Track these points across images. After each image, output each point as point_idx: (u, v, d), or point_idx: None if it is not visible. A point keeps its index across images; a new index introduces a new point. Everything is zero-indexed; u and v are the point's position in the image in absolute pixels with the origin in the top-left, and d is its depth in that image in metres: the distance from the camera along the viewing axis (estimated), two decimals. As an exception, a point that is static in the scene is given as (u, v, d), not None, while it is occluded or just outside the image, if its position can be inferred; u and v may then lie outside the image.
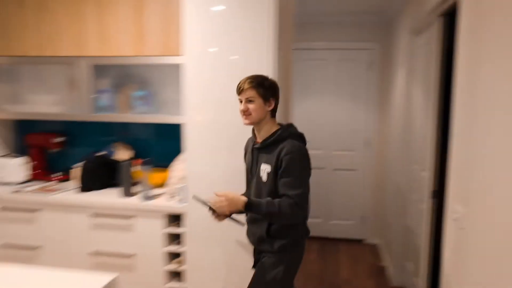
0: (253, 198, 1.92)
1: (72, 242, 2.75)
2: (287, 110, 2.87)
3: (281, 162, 1.86)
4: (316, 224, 4.74)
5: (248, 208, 1.83)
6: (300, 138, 1.98)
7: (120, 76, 3.04)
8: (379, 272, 3.95)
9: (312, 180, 1.93)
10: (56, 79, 3.15)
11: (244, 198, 1.84)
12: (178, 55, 2.66)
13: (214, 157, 2.49)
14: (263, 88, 1.92)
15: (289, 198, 1.82)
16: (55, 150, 3.28)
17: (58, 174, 3.23)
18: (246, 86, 1.90)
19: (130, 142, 3.17)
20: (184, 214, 2.58)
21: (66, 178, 3.20)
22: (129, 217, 2.66)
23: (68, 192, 2.88)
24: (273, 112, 1.99)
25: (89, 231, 2.73)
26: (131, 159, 2.94)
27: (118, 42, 2.79)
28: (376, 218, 4.67)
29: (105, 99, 2.93)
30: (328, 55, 4.62)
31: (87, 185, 2.88)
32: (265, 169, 1.94)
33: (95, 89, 2.92)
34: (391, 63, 4.34)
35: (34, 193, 2.87)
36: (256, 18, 2.37)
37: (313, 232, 2.21)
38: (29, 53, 2.95)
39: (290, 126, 2.01)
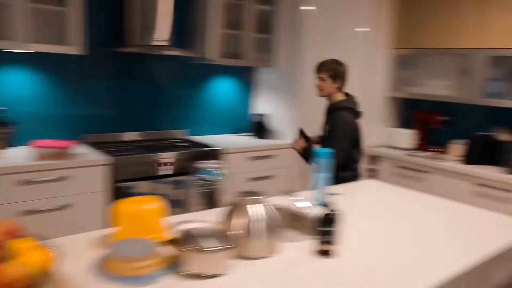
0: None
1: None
2: None
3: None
4: None
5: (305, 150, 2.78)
6: (351, 109, 2.73)
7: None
8: None
9: None
10: (448, 67, 3.77)
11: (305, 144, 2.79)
12: None
13: None
14: (331, 70, 2.77)
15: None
16: (437, 126, 3.94)
17: (437, 147, 3.89)
18: (320, 68, 2.80)
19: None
20: None
21: (442, 151, 3.82)
22: (509, 191, 3.04)
23: (452, 162, 3.49)
24: (341, 85, 2.75)
25: (473, 198, 3.26)
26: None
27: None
28: None
29: (497, 87, 3.33)
30: None
31: (471, 159, 3.40)
32: (326, 128, 2.74)
33: (487, 77, 3.36)
34: None
35: (424, 158, 3.62)
36: None
37: None
38: (427, 46, 3.68)
39: (350, 99, 2.77)
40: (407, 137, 4.01)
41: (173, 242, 1.32)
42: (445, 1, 3.61)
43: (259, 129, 3.92)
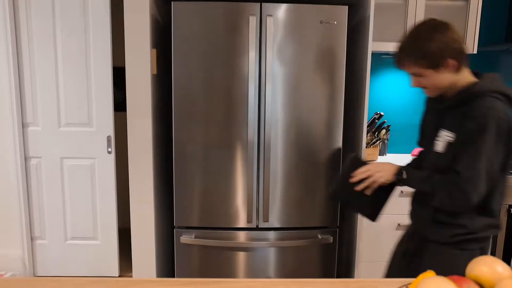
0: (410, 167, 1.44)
1: None
2: None
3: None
4: None
5: (398, 174, 1.42)
6: (505, 96, 1.27)
7: None
8: None
9: None
10: None
11: (397, 166, 1.44)
12: None
13: None
14: (425, 59, 1.29)
15: (456, 175, 1.26)
16: None
17: None
18: (404, 62, 1.35)
19: None
20: None
21: None
22: None
23: None
24: (459, 67, 1.32)
25: None
26: None
27: None
28: None
29: None
30: None
31: None
32: (445, 137, 1.34)
33: None
34: None
35: None
36: None
37: None
38: None
39: (494, 78, 1.32)
40: None
41: None
42: None
43: None
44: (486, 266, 0.84)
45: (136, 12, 2.05)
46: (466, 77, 1.36)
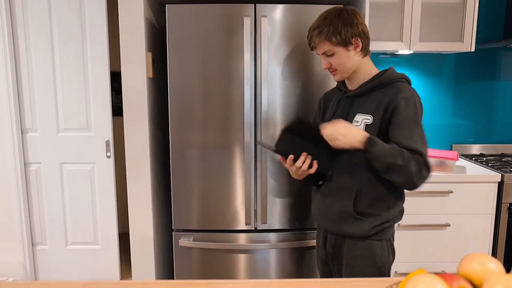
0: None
1: None
2: None
3: (394, 109, 1.34)
4: None
5: (368, 144, 1.29)
6: (409, 83, 1.45)
7: None
8: None
9: None
10: None
11: (364, 132, 1.34)
12: None
13: None
14: (339, 35, 1.39)
15: (417, 153, 1.29)
16: None
17: None
18: (315, 40, 1.43)
19: None
20: None
21: None
22: None
23: None
24: (365, 52, 1.45)
25: None
26: None
27: None
28: None
29: None
30: None
31: None
32: (362, 120, 1.40)
33: None
34: None
35: None
36: None
37: None
38: None
39: (392, 68, 1.46)
40: None
41: None
42: None
43: None
44: (477, 263, 0.82)
45: (130, 15, 2.05)
46: (370, 65, 1.49)
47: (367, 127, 1.38)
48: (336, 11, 1.42)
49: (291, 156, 1.46)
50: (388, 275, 1.47)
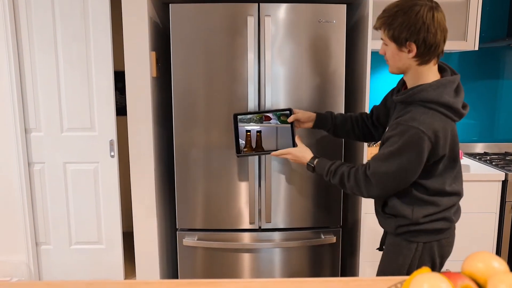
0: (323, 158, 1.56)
1: None
2: None
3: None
4: None
5: (310, 163, 1.57)
6: (445, 107, 1.27)
7: None
8: None
9: None
10: None
11: (311, 154, 1.60)
12: None
13: None
14: (393, 31, 1.30)
15: (364, 166, 1.38)
16: None
17: None
18: (376, 22, 1.36)
19: None
20: None
21: None
22: None
23: None
24: (421, 61, 1.29)
25: None
26: None
27: None
28: None
29: None
30: None
31: None
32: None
33: None
34: None
35: None
36: None
37: None
38: None
39: (441, 84, 1.28)
40: None
41: None
42: None
43: None
44: (481, 262, 0.82)
45: (134, 15, 2.06)
46: (426, 75, 1.33)
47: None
48: (409, 5, 1.27)
49: None
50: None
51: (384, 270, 1.51)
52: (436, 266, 1.45)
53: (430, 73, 1.33)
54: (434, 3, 1.28)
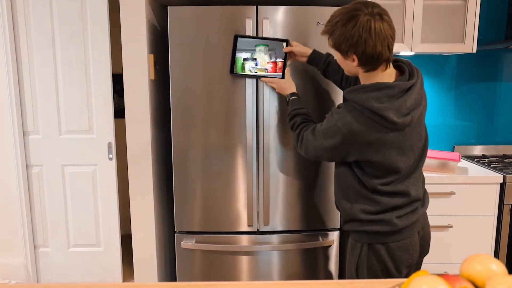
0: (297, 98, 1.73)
1: None
2: None
3: None
4: None
5: (288, 96, 1.75)
6: (370, 112, 1.29)
7: None
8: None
9: None
10: None
11: (293, 90, 1.76)
12: None
13: None
14: (336, 41, 1.33)
15: (310, 131, 1.50)
16: None
17: None
18: (323, 29, 1.38)
19: None
20: None
21: None
22: None
23: None
24: (366, 69, 1.33)
25: None
26: None
27: None
28: None
29: None
30: None
31: None
32: None
33: None
34: None
35: None
36: None
37: None
38: None
39: (376, 87, 1.30)
40: None
41: None
42: None
43: None
44: (479, 264, 0.82)
45: (132, 17, 2.06)
46: (382, 79, 1.34)
47: None
48: (349, 16, 1.27)
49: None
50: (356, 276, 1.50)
51: (347, 268, 1.56)
52: (390, 270, 1.43)
53: (383, 78, 1.34)
54: (377, 10, 1.26)
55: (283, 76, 1.86)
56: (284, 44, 1.88)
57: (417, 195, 1.44)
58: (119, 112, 3.35)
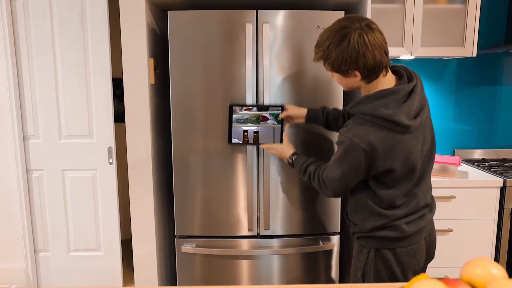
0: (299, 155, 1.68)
1: None
2: None
3: None
4: None
5: (289, 159, 1.70)
6: (382, 120, 1.27)
7: None
8: None
9: None
10: None
11: (293, 151, 1.71)
12: None
13: None
14: (334, 64, 1.31)
15: (324, 166, 1.48)
16: None
17: None
18: (314, 58, 1.37)
19: None
20: None
21: None
22: None
23: None
24: (368, 80, 1.33)
25: None
26: None
27: None
28: None
29: None
30: None
31: None
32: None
33: None
34: None
35: None
36: None
37: None
38: None
39: (381, 95, 1.30)
40: None
41: None
42: None
43: None
44: (480, 268, 0.82)
45: (132, 22, 2.06)
46: (383, 86, 1.34)
47: None
48: (339, 36, 1.26)
49: None
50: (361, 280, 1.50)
51: (352, 272, 1.57)
52: (397, 275, 1.43)
53: (384, 84, 1.34)
54: (364, 23, 1.26)
55: (281, 141, 1.88)
56: (280, 109, 1.91)
57: (426, 201, 1.44)
58: (119, 117, 3.35)
